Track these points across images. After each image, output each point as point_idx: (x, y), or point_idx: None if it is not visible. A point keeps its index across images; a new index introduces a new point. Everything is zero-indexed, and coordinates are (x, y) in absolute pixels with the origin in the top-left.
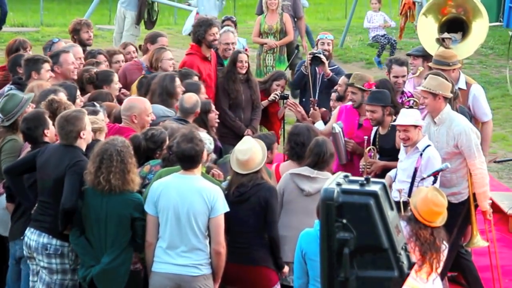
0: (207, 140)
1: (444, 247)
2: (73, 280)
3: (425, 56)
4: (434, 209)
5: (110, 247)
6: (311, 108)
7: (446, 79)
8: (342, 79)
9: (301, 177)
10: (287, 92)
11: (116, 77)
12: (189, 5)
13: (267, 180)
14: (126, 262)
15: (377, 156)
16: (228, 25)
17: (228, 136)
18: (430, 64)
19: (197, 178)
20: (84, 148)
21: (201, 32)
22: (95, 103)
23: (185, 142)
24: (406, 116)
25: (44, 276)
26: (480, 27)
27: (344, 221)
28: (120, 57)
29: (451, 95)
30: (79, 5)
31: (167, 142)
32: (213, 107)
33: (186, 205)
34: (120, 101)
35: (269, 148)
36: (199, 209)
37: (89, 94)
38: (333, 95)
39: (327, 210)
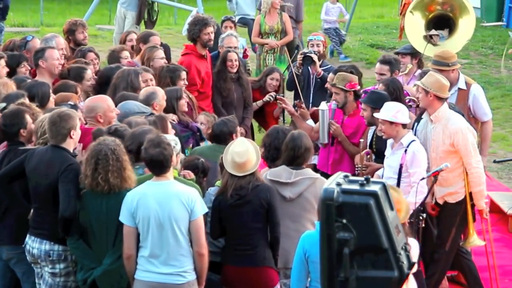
0: (173, 142)
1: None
2: (76, 282)
3: (413, 54)
4: None
5: (111, 248)
6: (298, 109)
7: (445, 79)
8: (330, 76)
9: (280, 184)
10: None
11: (88, 74)
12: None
13: (263, 181)
14: None
15: (373, 157)
16: (228, 26)
17: None
18: (429, 64)
19: (172, 183)
20: (71, 150)
21: (196, 31)
22: (70, 103)
23: (153, 147)
24: (384, 111)
25: (47, 278)
26: (467, 23)
27: (344, 221)
28: (127, 53)
29: (447, 95)
30: (79, 5)
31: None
32: (184, 94)
33: (166, 212)
34: None
35: (233, 132)
36: (179, 214)
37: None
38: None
39: (327, 210)
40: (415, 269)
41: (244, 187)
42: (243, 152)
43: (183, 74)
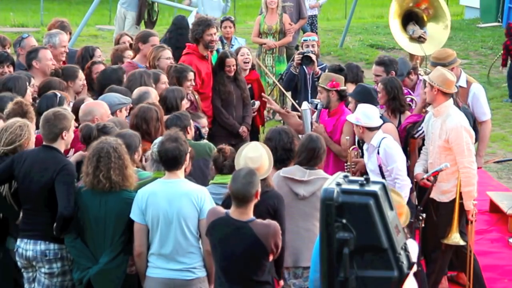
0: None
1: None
2: (73, 281)
3: (408, 72)
4: None
5: (108, 247)
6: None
7: (451, 74)
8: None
9: (294, 181)
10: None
11: (81, 74)
12: (189, 4)
13: (273, 187)
14: (124, 263)
15: (360, 153)
16: (227, 26)
17: (220, 135)
18: (428, 65)
19: (183, 181)
20: (63, 150)
21: (199, 31)
22: (56, 92)
23: (170, 141)
24: (354, 112)
25: (43, 280)
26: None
27: (344, 221)
28: (130, 53)
29: (453, 90)
30: (79, 5)
31: None
32: (186, 95)
33: (175, 211)
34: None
35: (187, 125)
36: (188, 213)
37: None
38: None
39: (327, 210)
40: (415, 269)
41: None
42: (257, 158)
43: (190, 75)
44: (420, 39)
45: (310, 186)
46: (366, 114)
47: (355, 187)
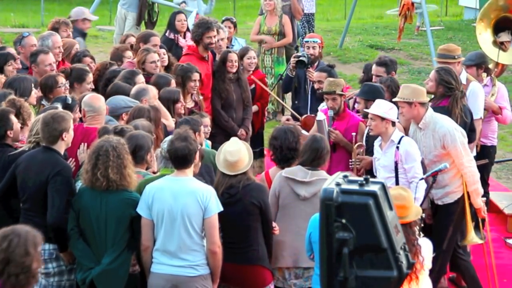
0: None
1: (415, 239)
2: (70, 280)
3: (478, 64)
4: (396, 202)
5: (110, 247)
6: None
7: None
8: (319, 75)
9: (296, 182)
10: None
11: (89, 77)
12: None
13: (254, 180)
14: (126, 263)
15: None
16: (227, 26)
17: (219, 136)
18: (435, 58)
19: (190, 179)
20: (63, 151)
21: (198, 33)
22: (68, 96)
23: (179, 141)
24: (376, 106)
25: (40, 280)
26: None
27: (344, 221)
28: (130, 53)
29: (427, 98)
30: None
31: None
32: (181, 97)
33: (179, 207)
34: None
35: (196, 130)
36: (192, 211)
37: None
38: None
39: (327, 210)
40: (429, 266)
41: (234, 185)
42: (235, 151)
43: (195, 76)
44: (502, 45)
45: (312, 187)
46: (394, 109)
47: (355, 187)
